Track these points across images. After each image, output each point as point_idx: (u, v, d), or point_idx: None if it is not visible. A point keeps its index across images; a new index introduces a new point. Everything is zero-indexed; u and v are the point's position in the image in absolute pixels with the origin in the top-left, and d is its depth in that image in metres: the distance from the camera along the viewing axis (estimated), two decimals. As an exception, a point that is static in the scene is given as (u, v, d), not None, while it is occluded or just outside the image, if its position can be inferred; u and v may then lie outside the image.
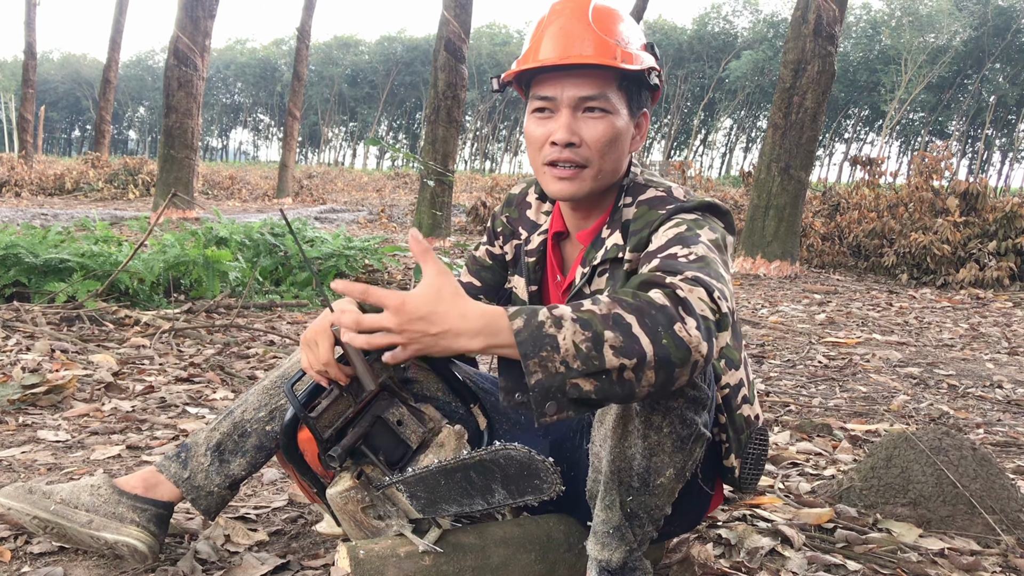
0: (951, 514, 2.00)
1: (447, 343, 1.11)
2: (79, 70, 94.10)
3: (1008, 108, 62.65)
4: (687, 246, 1.29)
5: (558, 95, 1.44)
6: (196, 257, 4.97)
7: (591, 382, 1.06)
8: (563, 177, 1.47)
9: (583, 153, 1.45)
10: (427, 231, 10.50)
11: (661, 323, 1.07)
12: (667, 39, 71.04)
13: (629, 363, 1.05)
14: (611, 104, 1.44)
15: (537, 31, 1.48)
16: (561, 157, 1.45)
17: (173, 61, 11.34)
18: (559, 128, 1.44)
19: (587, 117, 1.44)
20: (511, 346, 1.08)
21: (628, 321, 1.07)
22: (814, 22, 8.29)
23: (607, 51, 1.41)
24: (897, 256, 9.00)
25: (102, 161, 19.97)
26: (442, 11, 10.31)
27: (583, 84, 1.43)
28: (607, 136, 1.44)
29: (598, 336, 1.05)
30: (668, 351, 1.06)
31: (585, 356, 1.05)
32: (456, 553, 1.44)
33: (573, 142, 1.44)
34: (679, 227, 1.36)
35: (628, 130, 1.48)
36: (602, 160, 1.46)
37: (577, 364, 1.05)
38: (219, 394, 3.10)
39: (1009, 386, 3.87)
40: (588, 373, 1.05)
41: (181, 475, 1.62)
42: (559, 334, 1.06)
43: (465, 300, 1.12)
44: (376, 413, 1.49)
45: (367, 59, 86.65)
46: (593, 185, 1.48)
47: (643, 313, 1.07)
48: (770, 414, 3.15)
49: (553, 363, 1.05)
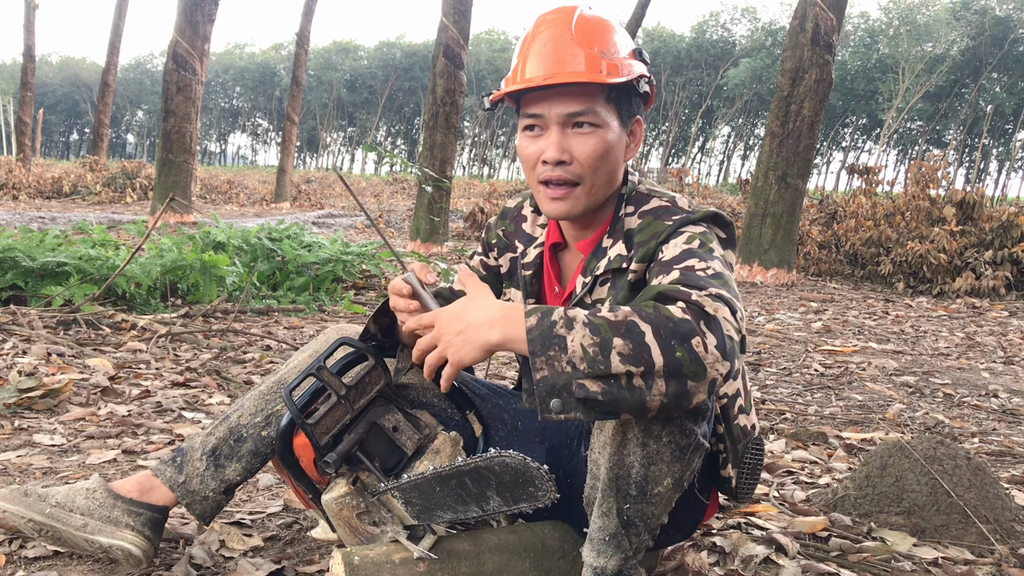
0: (945, 523, 2.01)
1: (471, 335, 1.21)
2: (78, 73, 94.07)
3: (1005, 117, 62.80)
4: (703, 260, 1.31)
5: (546, 113, 1.44)
6: (193, 261, 4.97)
7: (598, 384, 1.10)
8: (556, 197, 1.48)
9: (574, 170, 1.45)
10: (424, 236, 10.49)
11: (676, 336, 1.10)
12: (665, 46, 71.19)
13: (636, 370, 1.09)
14: (600, 118, 1.44)
15: (523, 46, 1.48)
16: (553, 176, 1.46)
17: (172, 65, 11.35)
18: (549, 146, 1.44)
19: (577, 133, 1.44)
20: (523, 341, 1.15)
21: (642, 330, 1.10)
22: (812, 31, 8.32)
23: (592, 65, 1.41)
24: (894, 265, 9.01)
25: (100, 165, 19.97)
26: (441, 17, 10.33)
27: (570, 101, 1.42)
28: (598, 151, 1.44)
29: (606, 341, 1.10)
30: (680, 363, 1.09)
31: (591, 359, 1.09)
32: (451, 560, 1.44)
33: (564, 159, 1.44)
34: (691, 241, 1.38)
35: (620, 141, 1.48)
36: (595, 175, 1.46)
37: (583, 366, 1.10)
38: (215, 399, 3.10)
39: (1004, 395, 3.88)
40: (594, 376, 1.09)
41: (176, 479, 1.62)
42: (568, 336, 1.11)
43: (488, 298, 1.25)
44: (372, 419, 1.50)
45: (366, 64, 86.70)
46: (588, 201, 1.49)
47: (660, 324, 1.11)
48: (766, 422, 3.15)
49: (560, 363, 1.10)
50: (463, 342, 1.22)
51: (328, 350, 1.52)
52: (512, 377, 3.67)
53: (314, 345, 1.69)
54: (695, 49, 71.76)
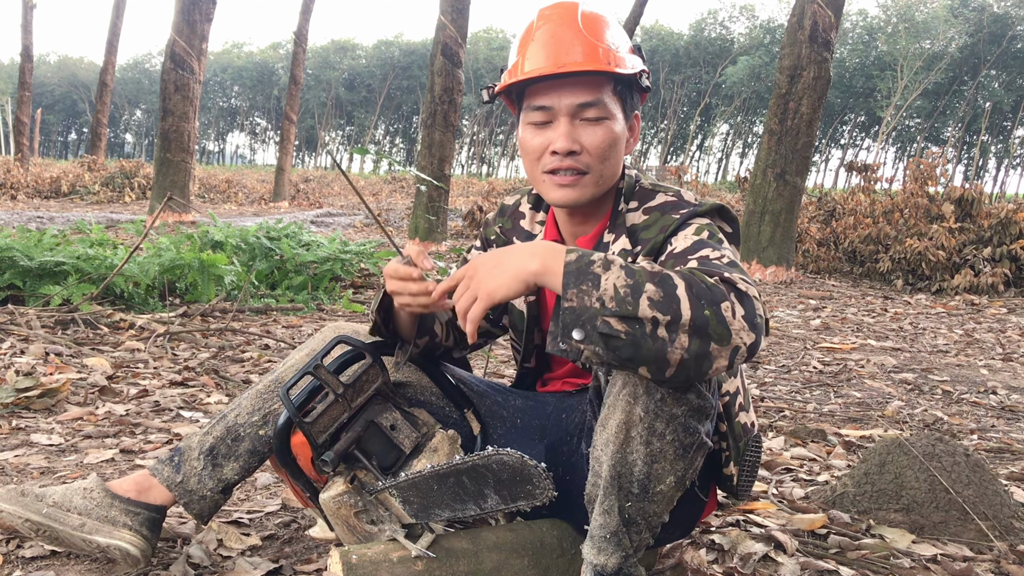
0: (944, 520, 2.01)
1: (509, 264, 1.21)
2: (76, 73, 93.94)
3: (1003, 114, 62.87)
4: (716, 250, 1.33)
5: (555, 104, 1.44)
6: (191, 261, 4.97)
7: (623, 324, 1.10)
8: (564, 184, 1.48)
9: (584, 160, 1.46)
10: (423, 235, 10.49)
11: (707, 297, 1.11)
12: (664, 44, 71.19)
13: (663, 318, 1.09)
14: (608, 110, 1.44)
15: (525, 38, 1.47)
16: (563, 165, 1.46)
17: (170, 65, 11.34)
18: (559, 137, 1.44)
19: (586, 124, 1.44)
20: (559, 274, 1.16)
21: (675, 283, 1.11)
22: (810, 28, 8.31)
23: (599, 56, 1.41)
24: (892, 262, 9.01)
25: (98, 164, 19.94)
26: (439, 16, 10.32)
27: (579, 91, 1.43)
28: (607, 141, 1.45)
29: (639, 285, 1.10)
30: (707, 320, 1.09)
31: (621, 299, 1.10)
32: (449, 558, 1.44)
33: (575, 150, 1.45)
34: (700, 232, 1.39)
35: (624, 134, 1.49)
36: (603, 165, 1.47)
37: (612, 305, 1.10)
38: (213, 398, 3.09)
39: (1003, 392, 3.88)
40: (620, 315, 1.09)
41: (174, 479, 1.62)
42: (604, 275, 1.12)
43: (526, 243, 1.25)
44: (370, 418, 1.49)
45: (364, 63, 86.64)
46: (595, 190, 1.49)
47: (693, 283, 1.12)
48: (765, 419, 3.15)
49: (590, 297, 1.11)
50: (500, 272, 1.22)
51: (325, 348, 1.52)
52: (511, 376, 3.67)
53: (312, 344, 1.68)
54: (693, 47, 71.74)
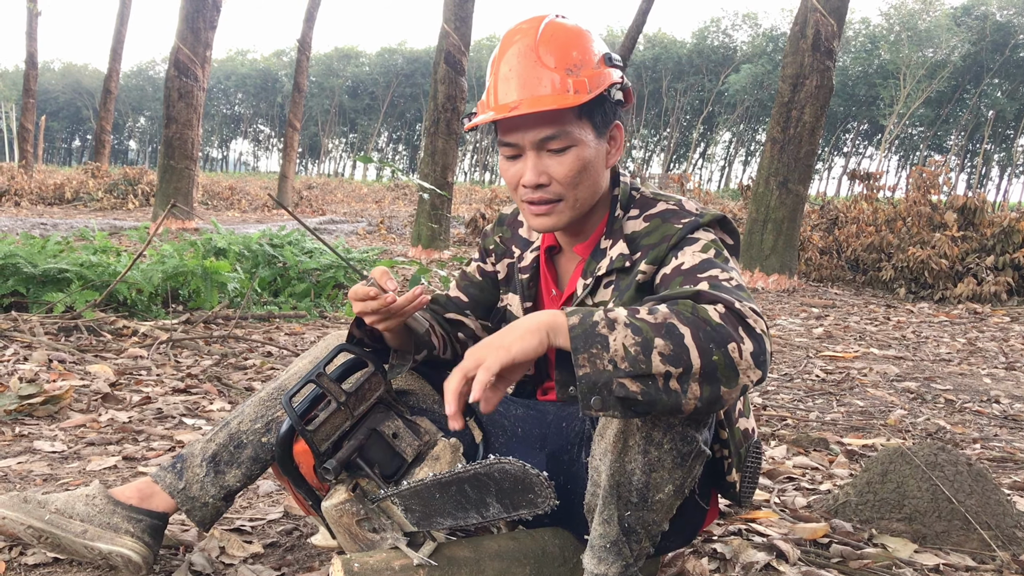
0: (946, 530, 2.00)
1: (512, 341, 1.18)
2: (80, 80, 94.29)
3: (1006, 123, 62.80)
4: (725, 271, 1.35)
5: (519, 140, 1.46)
6: (195, 268, 4.98)
7: (637, 384, 1.11)
8: (540, 213, 1.50)
9: (554, 190, 1.47)
10: (426, 243, 10.50)
11: (715, 339, 1.13)
12: (667, 52, 71.32)
13: (675, 371, 1.11)
14: (572, 137, 1.44)
15: (493, 65, 1.48)
16: (534, 198, 1.48)
17: (173, 72, 11.37)
18: (526, 171, 1.46)
19: (552, 155, 1.45)
20: (566, 337, 1.16)
21: (681, 332, 1.13)
22: (812, 37, 8.33)
23: (558, 88, 1.41)
24: (895, 270, 9.00)
25: (102, 171, 19.96)
26: (442, 24, 10.35)
27: (540, 127, 1.43)
28: (575, 169, 1.46)
29: (648, 341, 1.12)
30: (716, 367, 1.12)
31: (633, 359, 1.11)
32: (451, 566, 1.44)
33: (542, 183, 1.46)
34: (707, 250, 1.41)
35: (599, 151, 1.49)
36: (576, 191, 1.48)
37: (625, 365, 1.11)
38: (216, 405, 3.10)
39: (1006, 401, 3.87)
40: (635, 375, 1.11)
41: (176, 486, 1.62)
42: (611, 335, 1.13)
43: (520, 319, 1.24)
44: (372, 426, 1.50)
45: (367, 71, 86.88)
46: (572, 214, 1.51)
47: (698, 327, 1.13)
48: (767, 428, 3.15)
49: (601, 361, 1.12)
50: (508, 353, 1.17)
51: (328, 356, 1.52)
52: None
53: (314, 351, 1.69)
54: (696, 55, 71.86)
